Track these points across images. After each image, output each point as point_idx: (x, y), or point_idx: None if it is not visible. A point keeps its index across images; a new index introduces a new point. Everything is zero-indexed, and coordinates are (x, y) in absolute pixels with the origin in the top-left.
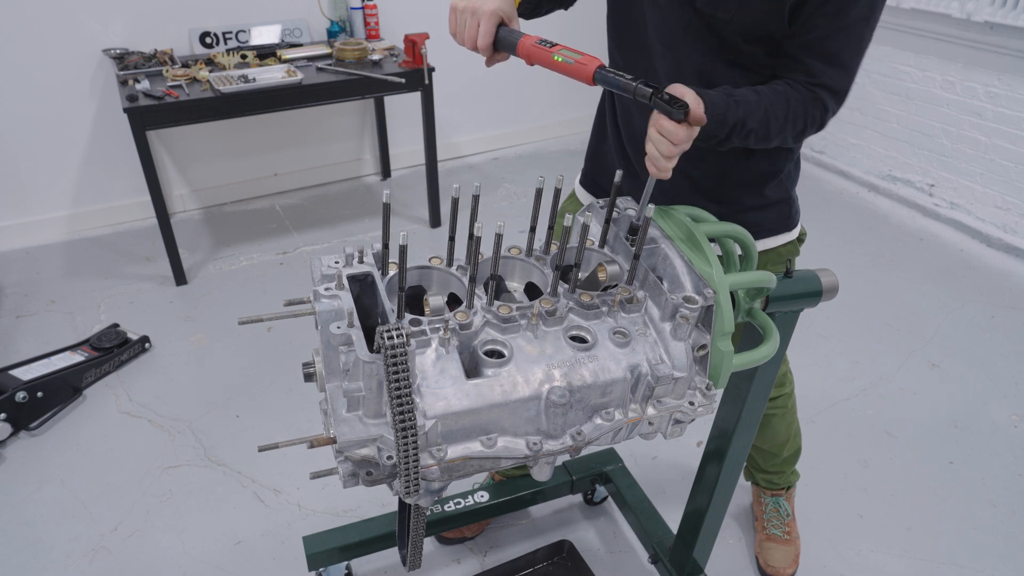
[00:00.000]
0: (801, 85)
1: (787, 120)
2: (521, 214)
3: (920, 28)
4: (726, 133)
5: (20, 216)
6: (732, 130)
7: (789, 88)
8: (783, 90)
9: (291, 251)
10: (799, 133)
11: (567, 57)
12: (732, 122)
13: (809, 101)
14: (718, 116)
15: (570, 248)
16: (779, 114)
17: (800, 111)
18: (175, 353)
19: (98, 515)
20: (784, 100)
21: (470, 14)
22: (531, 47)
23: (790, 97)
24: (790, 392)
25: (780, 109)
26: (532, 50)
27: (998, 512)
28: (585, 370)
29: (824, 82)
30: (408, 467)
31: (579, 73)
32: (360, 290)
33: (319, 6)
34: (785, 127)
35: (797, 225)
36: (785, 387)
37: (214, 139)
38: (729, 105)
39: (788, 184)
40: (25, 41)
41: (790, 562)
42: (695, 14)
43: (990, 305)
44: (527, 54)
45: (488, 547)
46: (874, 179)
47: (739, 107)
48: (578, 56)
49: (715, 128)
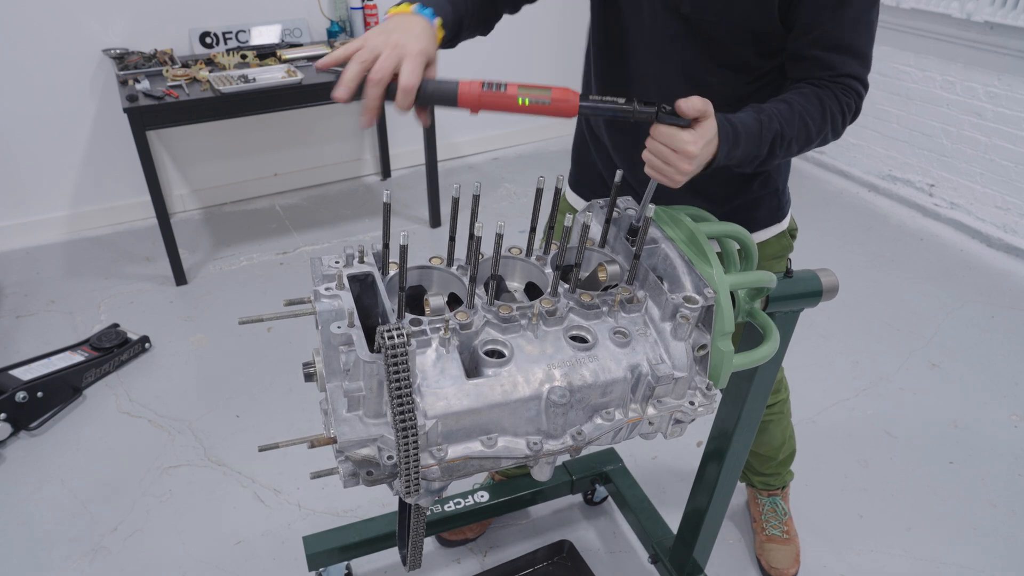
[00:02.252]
0: (826, 80)
1: (825, 118)
2: (521, 214)
3: (920, 28)
4: (767, 150)
5: (20, 216)
6: (773, 144)
7: (815, 88)
8: (810, 91)
9: (291, 251)
10: (838, 126)
11: (536, 97)
12: (770, 137)
13: (840, 93)
14: (752, 136)
15: (570, 248)
16: (815, 114)
17: (835, 106)
18: (175, 353)
19: (98, 515)
20: (816, 99)
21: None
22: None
23: (821, 95)
24: (786, 398)
25: (815, 110)
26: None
27: (998, 512)
28: (585, 370)
29: (847, 71)
30: (408, 467)
31: (558, 111)
32: (360, 290)
33: (319, 6)
34: (824, 126)
35: (787, 216)
36: (781, 393)
37: (214, 139)
38: (762, 122)
39: (777, 176)
40: (25, 41)
41: (792, 562)
42: (680, 20)
43: (990, 305)
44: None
45: (488, 547)
46: (874, 179)
47: (772, 120)
48: (547, 92)
49: (754, 148)
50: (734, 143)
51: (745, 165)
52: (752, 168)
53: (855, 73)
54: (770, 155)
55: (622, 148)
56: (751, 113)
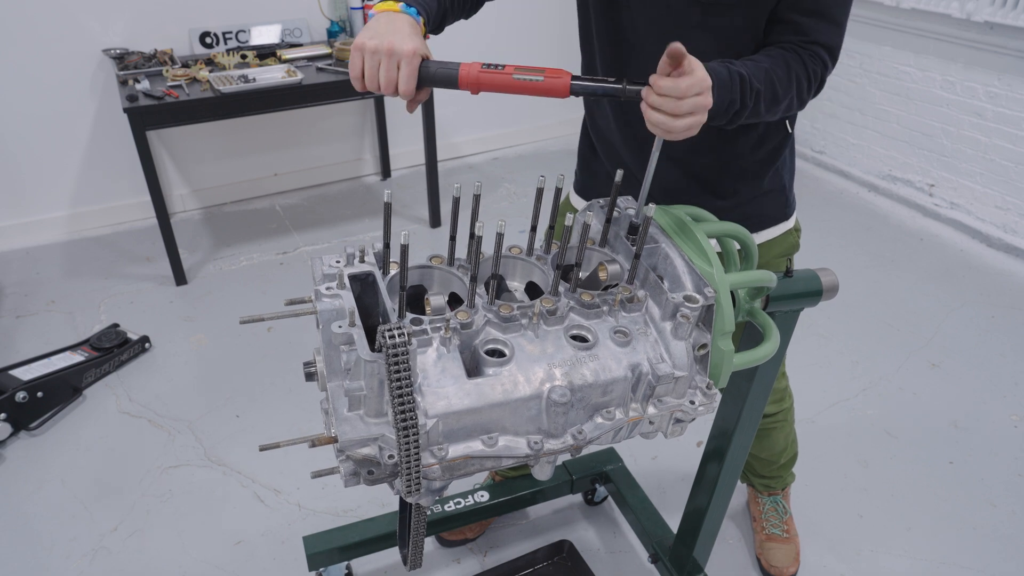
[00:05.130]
0: (795, 45)
1: (790, 80)
2: (521, 214)
3: (920, 28)
4: (739, 99)
5: (20, 216)
6: (743, 92)
7: (783, 50)
8: (777, 53)
9: (291, 251)
10: (803, 93)
11: (530, 75)
12: (739, 82)
13: (807, 58)
14: (723, 80)
15: (571, 247)
16: (780, 75)
17: (801, 70)
18: (175, 353)
19: (98, 515)
20: (783, 61)
21: (386, 56)
22: (479, 75)
23: (787, 58)
24: (789, 406)
25: (780, 71)
26: (482, 78)
27: (998, 512)
28: (586, 369)
29: (817, 39)
30: (409, 466)
31: (551, 90)
32: (361, 289)
33: (319, 6)
34: (790, 87)
35: (794, 213)
36: (784, 402)
37: (214, 139)
38: (729, 68)
39: (784, 172)
40: (25, 41)
41: (792, 560)
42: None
43: (990, 305)
44: (474, 83)
45: (488, 547)
46: (874, 179)
47: (738, 67)
48: (541, 71)
49: (727, 93)
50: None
51: (720, 114)
52: (728, 119)
53: (825, 41)
54: (743, 105)
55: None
56: (717, 62)
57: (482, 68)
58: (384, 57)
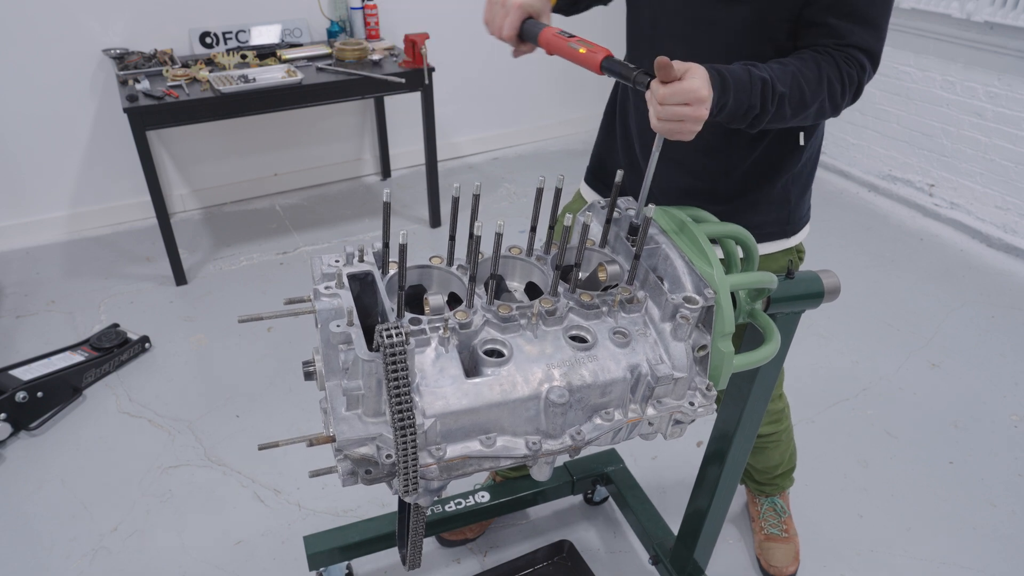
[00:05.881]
0: (830, 48)
1: (821, 83)
2: (521, 214)
3: (920, 28)
4: (759, 103)
5: (20, 216)
6: (764, 96)
7: (816, 53)
8: (809, 55)
9: (291, 251)
10: (836, 97)
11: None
12: (759, 86)
13: (842, 60)
14: (742, 84)
15: (570, 248)
16: (810, 77)
17: (834, 73)
18: (175, 353)
19: (98, 515)
20: (814, 63)
21: (500, 6)
22: (551, 37)
23: (820, 60)
24: (787, 427)
25: (810, 72)
26: (551, 39)
27: (998, 512)
28: (585, 370)
29: (854, 42)
30: (407, 466)
31: (589, 62)
32: (360, 289)
33: (319, 6)
34: (820, 91)
35: (798, 234)
36: (781, 423)
37: (214, 139)
38: (751, 71)
39: (793, 188)
40: (25, 41)
41: (791, 560)
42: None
43: (990, 305)
44: (546, 43)
45: (488, 547)
46: (874, 179)
47: (762, 71)
48: (590, 46)
49: (744, 97)
50: (723, 89)
51: (739, 118)
52: (748, 123)
53: (863, 44)
54: (763, 109)
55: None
56: (739, 65)
57: (556, 33)
58: (499, 6)
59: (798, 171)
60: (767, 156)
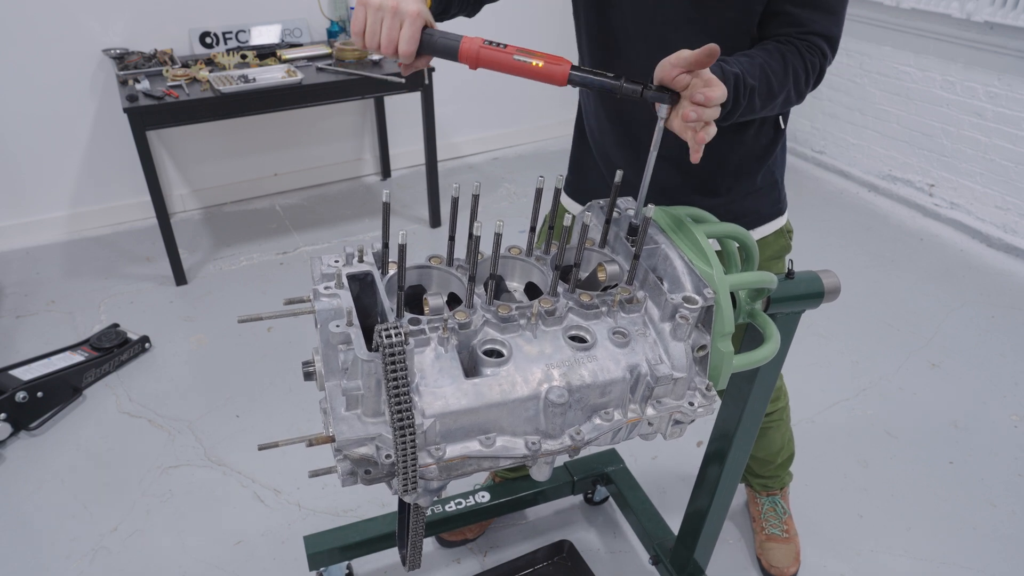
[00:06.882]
0: (792, 37)
1: (787, 73)
2: (521, 214)
3: (920, 28)
4: (731, 98)
5: (20, 216)
6: (737, 89)
7: (779, 44)
8: (774, 46)
9: (291, 251)
10: (800, 85)
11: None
12: (732, 81)
13: (804, 49)
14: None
15: (570, 248)
16: (776, 69)
17: (798, 63)
18: (175, 353)
19: (98, 515)
20: (779, 54)
21: (390, 14)
22: (480, 50)
23: (784, 51)
24: (785, 405)
25: (776, 64)
26: (483, 53)
27: (998, 512)
28: (584, 370)
29: (815, 29)
30: (406, 466)
31: (549, 76)
32: (360, 289)
33: (319, 6)
34: (787, 80)
35: (786, 211)
36: (780, 400)
37: (214, 139)
38: (722, 67)
39: (776, 169)
40: (25, 41)
41: (792, 560)
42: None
43: (990, 305)
44: (474, 58)
45: (488, 547)
46: (874, 179)
47: (731, 65)
48: (543, 57)
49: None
50: None
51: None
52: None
53: (823, 31)
54: (736, 103)
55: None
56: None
57: (484, 44)
58: (388, 15)
59: (779, 152)
60: (755, 144)
